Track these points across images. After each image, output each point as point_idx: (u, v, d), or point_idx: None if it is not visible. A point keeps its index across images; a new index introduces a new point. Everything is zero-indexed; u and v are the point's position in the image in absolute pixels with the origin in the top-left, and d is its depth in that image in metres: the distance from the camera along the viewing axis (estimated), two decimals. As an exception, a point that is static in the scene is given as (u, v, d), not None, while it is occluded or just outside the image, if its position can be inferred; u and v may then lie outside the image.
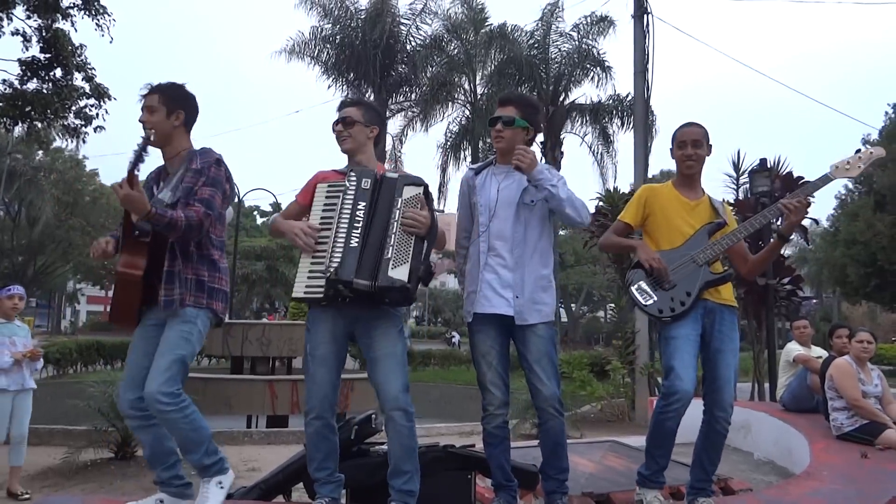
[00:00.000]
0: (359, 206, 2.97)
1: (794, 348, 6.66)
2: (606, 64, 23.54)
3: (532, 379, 3.19)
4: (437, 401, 14.30)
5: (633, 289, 3.46)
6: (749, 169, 10.64)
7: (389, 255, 2.89)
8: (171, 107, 3.13)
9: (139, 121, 3.13)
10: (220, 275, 3.15)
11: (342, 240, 2.92)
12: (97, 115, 11.81)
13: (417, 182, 3.06)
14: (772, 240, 3.59)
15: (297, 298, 2.97)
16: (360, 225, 2.94)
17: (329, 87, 24.88)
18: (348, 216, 2.96)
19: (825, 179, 3.35)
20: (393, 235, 2.92)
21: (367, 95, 24.76)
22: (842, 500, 3.81)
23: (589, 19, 23.52)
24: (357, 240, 2.91)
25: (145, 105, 3.14)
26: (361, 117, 3.22)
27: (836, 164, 3.34)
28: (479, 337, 3.25)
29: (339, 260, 2.88)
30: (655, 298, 3.38)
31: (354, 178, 3.02)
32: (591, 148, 24.48)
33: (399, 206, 2.96)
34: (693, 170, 3.46)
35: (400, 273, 2.88)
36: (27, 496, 5.26)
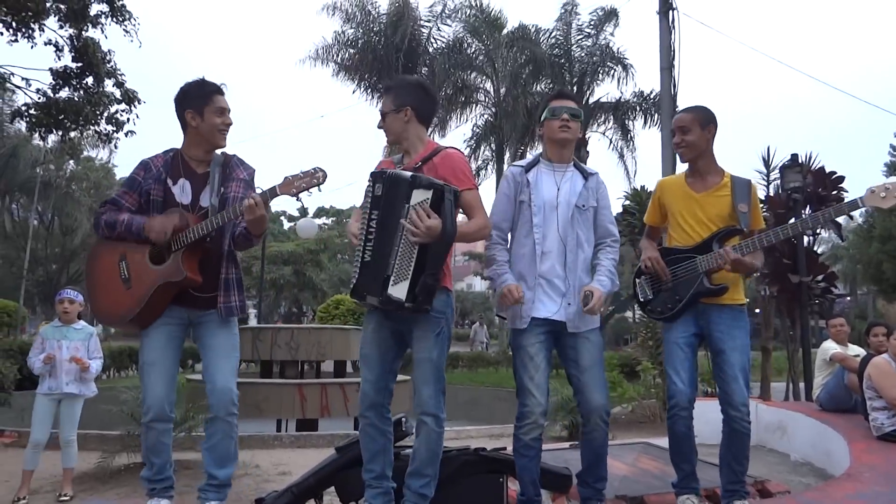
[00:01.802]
0: (372, 216, 2.86)
1: (830, 347, 6.52)
2: (627, 62, 23.53)
3: (581, 388, 3.14)
4: (467, 403, 14.27)
5: (637, 282, 3.56)
6: (780, 165, 10.43)
7: (391, 272, 2.77)
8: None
9: (225, 123, 3.15)
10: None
11: (360, 252, 2.86)
12: (128, 119, 12.00)
13: (427, 184, 2.81)
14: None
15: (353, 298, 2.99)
16: (372, 237, 2.84)
17: (353, 91, 25.08)
18: (365, 225, 2.87)
19: (853, 205, 3.19)
20: (397, 248, 2.77)
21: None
22: (886, 502, 3.71)
23: (600, 14, 23.49)
24: (369, 253, 2.84)
25: (228, 107, 3.16)
26: (391, 104, 3.08)
27: (874, 188, 3.12)
28: (529, 339, 3.15)
29: (357, 275, 2.87)
30: (651, 296, 3.48)
31: (370, 184, 2.91)
32: (615, 146, 24.39)
33: (405, 214, 2.77)
34: (686, 157, 3.40)
35: (398, 291, 2.76)
36: (65, 497, 5.32)
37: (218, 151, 3.24)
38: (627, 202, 11.15)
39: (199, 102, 3.12)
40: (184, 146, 3.21)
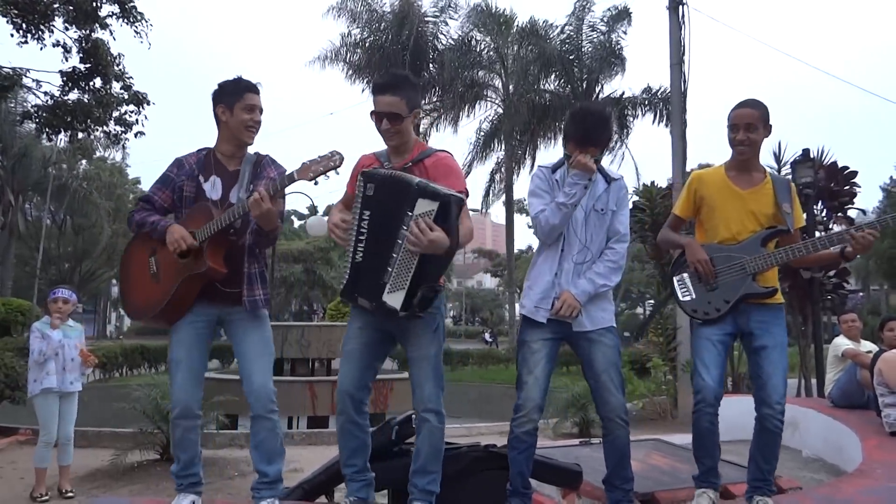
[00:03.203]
0: (364, 216, 2.80)
1: (842, 343, 6.49)
2: (625, 58, 23.76)
3: (598, 390, 3.13)
4: (476, 400, 14.29)
5: (676, 279, 3.42)
6: (791, 160, 10.36)
7: (387, 280, 2.72)
8: None
9: (255, 121, 3.15)
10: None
11: (350, 252, 2.84)
12: (137, 121, 12.07)
13: (433, 195, 2.68)
14: (833, 250, 3.31)
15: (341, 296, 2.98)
16: (363, 238, 2.80)
17: (363, 90, 25.14)
18: (356, 225, 2.82)
19: None
20: (395, 256, 2.70)
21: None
22: (898, 498, 3.69)
23: (614, 12, 23.53)
24: (361, 255, 2.81)
25: (260, 105, 3.17)
26: (406, 108, 2.95)
27: None
28: (535, 335, 3.16)
29: (347, 275, 2.85)
30: (693, 296, 3.33)
31: (362, 183, 2.84)
32: (621, 140, 24.40)
33: (408, 223, 2.66)
34: (745, 155, 3.25)
35: (394, 300, 2.71)
36: (71, 494, 5.37)
37: (251, 150, 3.25)
38: (637, 198, 11.13)
39: (231, 98, 3.14)
40: (216, 143, 3.25)
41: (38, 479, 5.38)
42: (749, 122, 3.20)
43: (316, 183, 2.94)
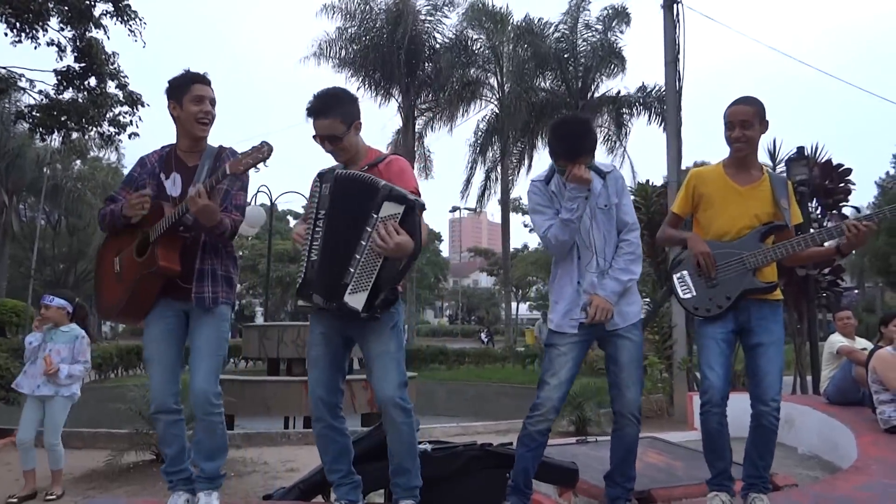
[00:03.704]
0: (319, 214, 2.83)
1: (837, 340, 6.52)
2: (625, 58, 23.82)
3: (618, 384, 3.14)
4: (473, 399, 14.27)
5: (676, 277, 3.41)
6: (786, 157, 10.39)
7: (348, 280, 2.72)
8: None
9: (205, 112, 3.10)
10: (237, 270, 3.29)
11: (306, 251, 2.83)
12: (131, 121, 12.02)
13: (400, 199, 2.73)
14: (829, 244, 3.35)
15: (298, 305, 2.97)
16: (319, 236, 2.81)
17: (358, 88, 25.10)
18: (311, 224, 2.84)
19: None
20: (358, 258, 2.72)
21: (394, 96, 24.90)
22: (893, 495, 3.70)
23: (611, 12, 23.57)
24: (316, 252, 2.81)
25: (210, 97, 3.12)
26: (342, 126, 2.94)
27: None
28: (564, 339, 3.15)
29: (303, 273, 2.84)
30: (694, 293, 3.33)
31: (317, 182, 2.88)
32: (611, 138, 24.47)
33: (373, 225, 2.69)
34: (743, 152, 3.26)
35: (356, 301, 2.72)
36: (52, 497, 5.33)
37: (214, 143, 3.22)
38: (633, 197, 11.14)
39: (179, 92, 3.11)
40: (176, 140, 3.23)
41: (25, 481, 5.39)
42: (744, 119, 3.21)
43: (246, 176, 2.97)
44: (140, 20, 11.59)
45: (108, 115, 11.79)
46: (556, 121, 3.43)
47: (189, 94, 3.09)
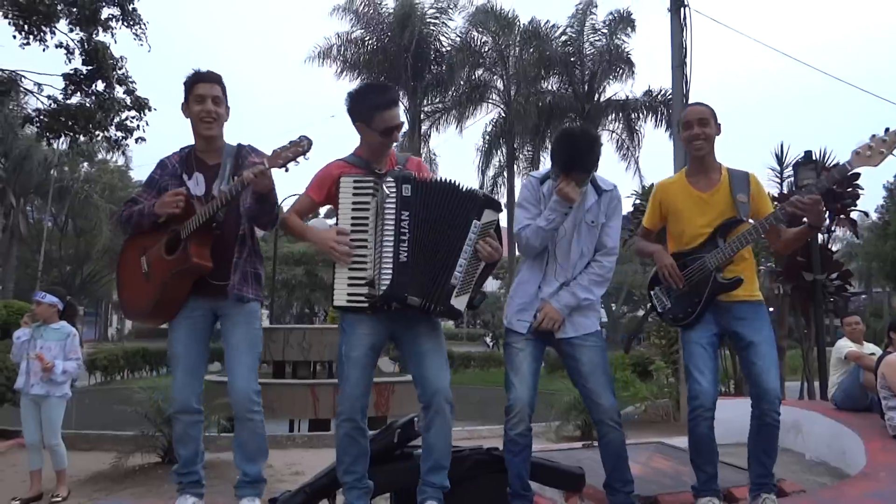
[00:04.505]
0: (403, 216, 2.81)
1: (845, 345, 6.46)
2: (633, 63, 23.75)
3: (587, 394, 3.14)
4: (478, 403, 14.22)
5: (653, 293, 3.51)
6: (794, 162, 10.33)
7: (456, 283, 2.83)
8: (225, 99, 3.18)
9: (206, 111, 3.07)
10: (263, 267, 3.31)
11: (389, 252, 2.80)
12: (138, 126, 12.07)
13: (497, 206, 2.94)
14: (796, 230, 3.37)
15: (340, 307, 2.91)
16: (406, 238, 2.80)
17: (364, 91, 25.11)
18: (393, 225, 2.81)
19: (843, 170, 3.11)
20: (463, 262, 2.83)
21: (400, 99, 24.93)
22: (902, 502, 3.67)
23: (616, 16, 23.56)
24: (405, 254, 2.80)
25: (212, 95, 3.10)
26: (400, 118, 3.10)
27: (858, 149, 3.01)
28: (519, 337, 3.18)
29: (388, 276, 2.79)
30: (669, 304, 3.42)
31: (393, 183, 2.84)
32: (624, 144, 24.42)
33: (476, 231, 2.84)
34: (703, 150, 3.31)
35: (460, 303, 2.84)
36: (57, 499, 5.33)
37: (231, 143, 3.23)
38: (638, 201, 11.11)
39: (186, 93, 3.13)
40: (194, 141, 3.25)
41: (31, 482, 5.39)
42: (701, 118, 3.29)
43: (287, 170, 2.93)
44: (145, 24, 11.65)
45: (115, 120, 11.84)
46: (565, 129, 3.43)
47: (192, 93, 3.10)
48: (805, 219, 3.18)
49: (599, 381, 3.11)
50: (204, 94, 3.09)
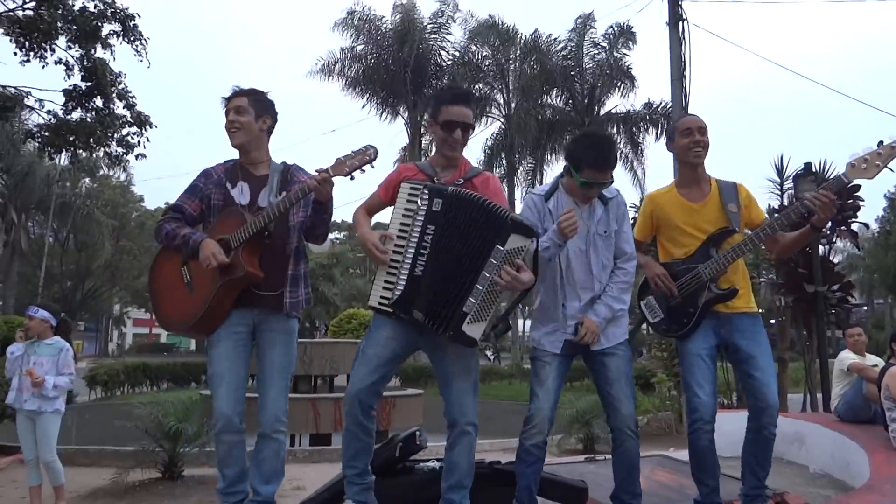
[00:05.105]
0: (428, 230, 2.78)
1: (848, 357, 6.45)
2: (635, 77, 23.89)
3: (610, 400, 3.13)
4: (480, 416, 14.15)
5: (643, 304, 3.48)
6: (793, 174, 10.34)
7: (468, 310, 2.70)
8: (259, 111, 3.20)
9: (229, 121, 3.15)
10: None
11: (409, 263, 2.79)
12: (139, 142, 12.12)
13: (527, 231, 2.73)
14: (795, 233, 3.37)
15: (371, 307, 2.92)
16: (426, 252, 2.77)
17: (363, 106, 25.28)
18: (417, 237, 2.79)
19: (840, 182, 3.09)
20: (480, 288, 2.69)
21: (400, 112, 25.03)
22: (907, 514, 3.65)
23: (616, 30, 23.70)
24: (421, 268, 2.77)
25: (234, 106, 3.16)
26: (473, 121, 3.05)
27: (853, 161, 3.00)
28: (551, 354, 3.15)
29: (403, 286, 2.79)
30: (662, 315, 3.40)
31: (427, 196, 2.81)
32: (628, 158, 24.46)
33: (498, 257, 2.67)
34: (701, 158, 3.34)
35: (474, 330, 2.71)
36: None
37: (277, 160, 3.29)
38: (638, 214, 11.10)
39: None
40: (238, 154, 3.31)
41: (31, 498, 5.35)
42: (701, 126, 3.33)
43: (352, 178, 2.93)
44: (146, 40, 11.72)
45: (115, 136, 11.90)
46: (583, 131, 3.45)
47: (225, 107, 3.22)
48: (811, 218, 3.15)
49: (622, 389, 3.12)
50: (228, 108, 3.18)
